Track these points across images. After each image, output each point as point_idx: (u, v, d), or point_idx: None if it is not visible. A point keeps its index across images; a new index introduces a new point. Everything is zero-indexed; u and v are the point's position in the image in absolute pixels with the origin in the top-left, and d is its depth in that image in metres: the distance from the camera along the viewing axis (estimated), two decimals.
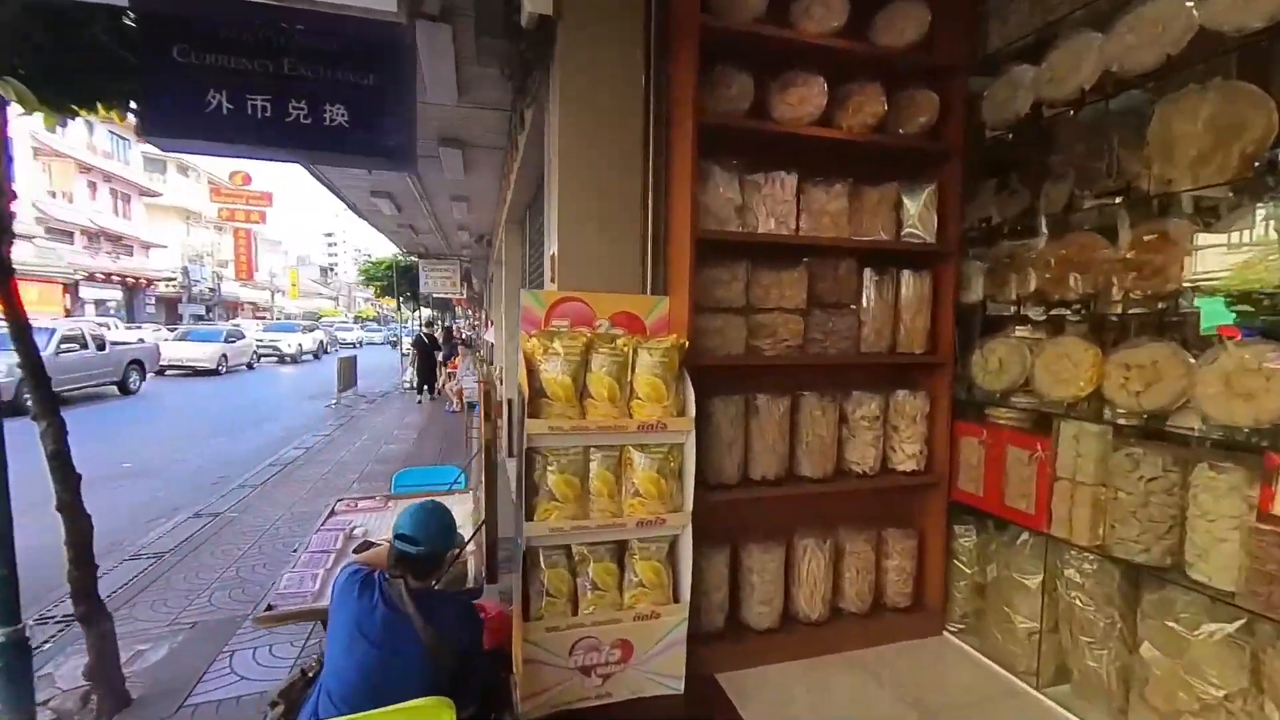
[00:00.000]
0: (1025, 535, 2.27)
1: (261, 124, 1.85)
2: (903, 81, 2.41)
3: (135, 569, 3.49)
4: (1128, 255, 1.96)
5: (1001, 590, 2.34)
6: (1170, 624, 1.81)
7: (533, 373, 2.01)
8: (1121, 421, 1.95)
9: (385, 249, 25.94)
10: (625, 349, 2.04)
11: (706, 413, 2.26)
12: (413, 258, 13.99)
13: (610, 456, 2.01)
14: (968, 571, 2.49)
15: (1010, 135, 2.35)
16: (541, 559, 1.99)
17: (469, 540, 2.11)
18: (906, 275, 2.47)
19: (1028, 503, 2.20)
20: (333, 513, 2.62)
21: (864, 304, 2.44)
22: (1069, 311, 2.16)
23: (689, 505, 2.05)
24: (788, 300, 2.35)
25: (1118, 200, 2.01)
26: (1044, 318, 2.26)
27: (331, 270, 69.17)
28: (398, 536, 1.58)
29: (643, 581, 2.04)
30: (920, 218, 2.45)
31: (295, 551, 2.25)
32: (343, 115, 1.91)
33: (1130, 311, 1.99)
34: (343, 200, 7.32)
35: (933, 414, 2.50)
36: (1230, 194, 1.74)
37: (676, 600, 2.08)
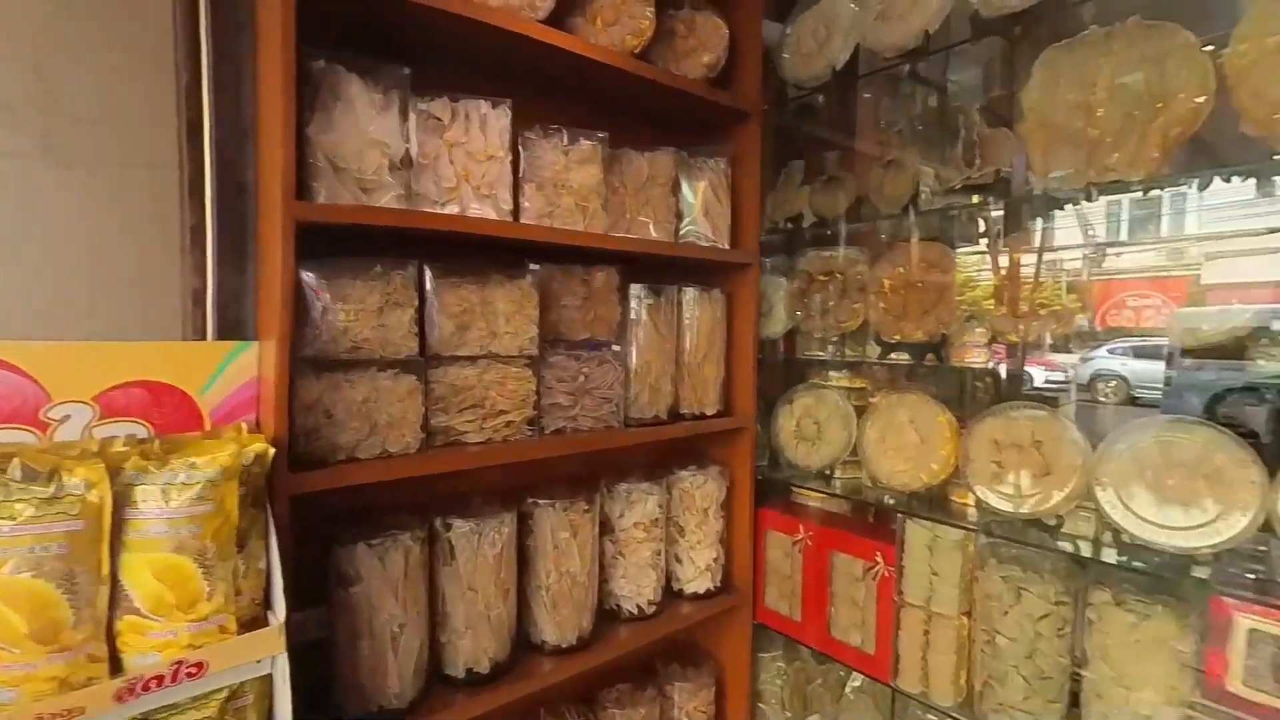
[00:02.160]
0: (858, 680, 1.59)
1: None
2: None
3: None
4: (991, 281, 1.34)
5: None
6: None
7: None
8: (991, 527, 1.34)
9: None
10: (95, 492, 0.79)
11: (342, 580, 1.12)
12: None
13: None
14: (778, 719, 1.77)
15: (821, 98, 1.63)
16: None
17: None
18: (691, 296, 1.61)
19: (863, 637, 1.51)
20: None
21: (632, 342, 1.52)
22: (908, 356, 1.50)
23: None
24: (506, 339, 1.31)
25: (975, 200, 1.39)
26: (878, 362, 1.59)
27: None
28: None
29: None
30: (708, 209, 1.61)
31: None
32: None
33: (992, 362, 1.39)
34: None
35: (730, 502, 1.70)
36: (1144, 193, 1.18)
37: None
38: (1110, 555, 1.18)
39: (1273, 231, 1.08)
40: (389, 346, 1.16)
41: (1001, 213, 1.41)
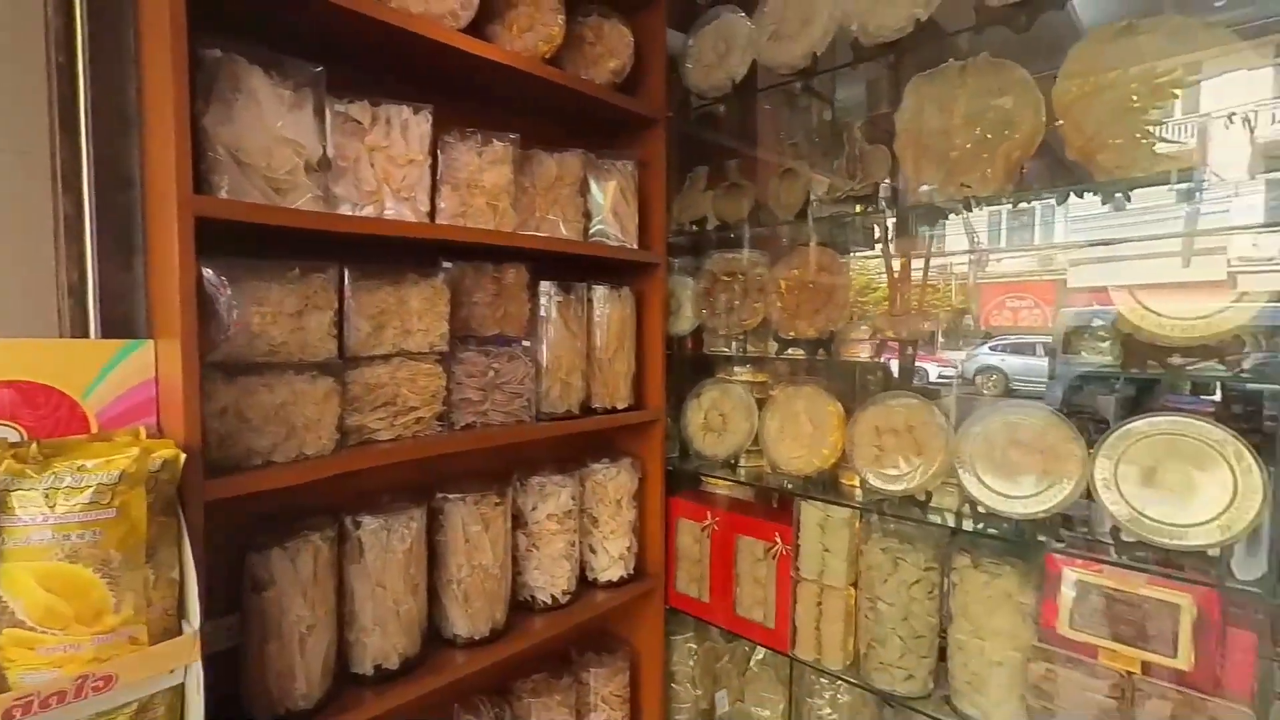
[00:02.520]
0: (762, 653, 1.71)
1: None
2: (582, 5, 1.59)
3: None
4: (874, 282, 1.48)
5: None
6: None
7: None
8: (873, 505, 1.48)
9: None
10: None
11: (255, 586, 1.09)
12: None
13: None
14: (690, 697, 1.86)
15: (723, 108, 1.73)
16: None
17: None
18: (601, 293, 1.67)
19: (765, 613, 1.62)
20: None
21: (543, 338, 1.56)
22: (803, 352, 1.62)
23: None
24: (418, 336, 1.32)
25: (859, 210, 1.53)
26: (776, 357, 1.71)
27: None
28: None
29: None
30: (616, 209, 1.67)
31: None
32: None
33: (885, 357, 1.54)
34: None
35: (642, 493, 1.77)
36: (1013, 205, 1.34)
37: None
38: (969, 524, 1.34)
39: (1094, 244, 1.26)
40: (308, 349, 1.15)
41: (894, 221, 1.55)
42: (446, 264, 1.37)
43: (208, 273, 1.02)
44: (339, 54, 1.24)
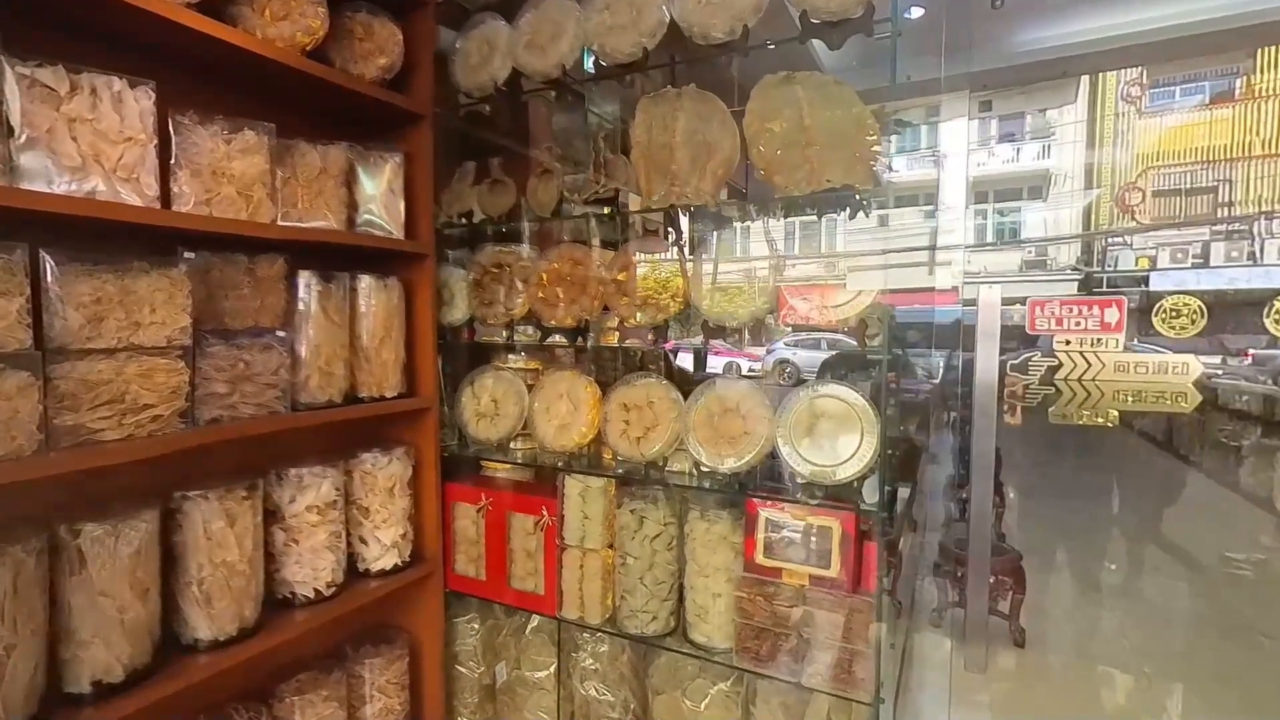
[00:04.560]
0: (535, 620, 1.84)
1: None
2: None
3: None
4: (618, 277, 1.68)
5: (514, 693, 1.87)
6: (680, 696, 1.62)
7: None
8: (622, 472, 1.68)
9: None
10: None
11: None
12: None
13: None
14: (473, 675, 1.93)
15: (488, 108, 1.82)
16: None
17: None
18: (366, 283, 1.67)
19: (536, 582, 1.75)
20: None
21: (302, 328, 1.53)
22: (562, 339, 1.77)
23: None
24: (151, 330, 1.22)
25: (606, 211, 1.71)
26: (539, 345, 1.84)
27: None
28: None
29: None
30: (383, 201, 1.68)
31: None
32: None
33: (629, 343, 1.73)
34: None
35: (417, 480, 1.80)
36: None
37: None
38: (696, 482, 1.58)
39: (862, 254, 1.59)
40: None
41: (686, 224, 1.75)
42: (189, 254, 1.29)
43: None
44: (37, 14, 1.12)
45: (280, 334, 1.48)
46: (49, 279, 1.12)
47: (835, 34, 1.36)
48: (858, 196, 1.44)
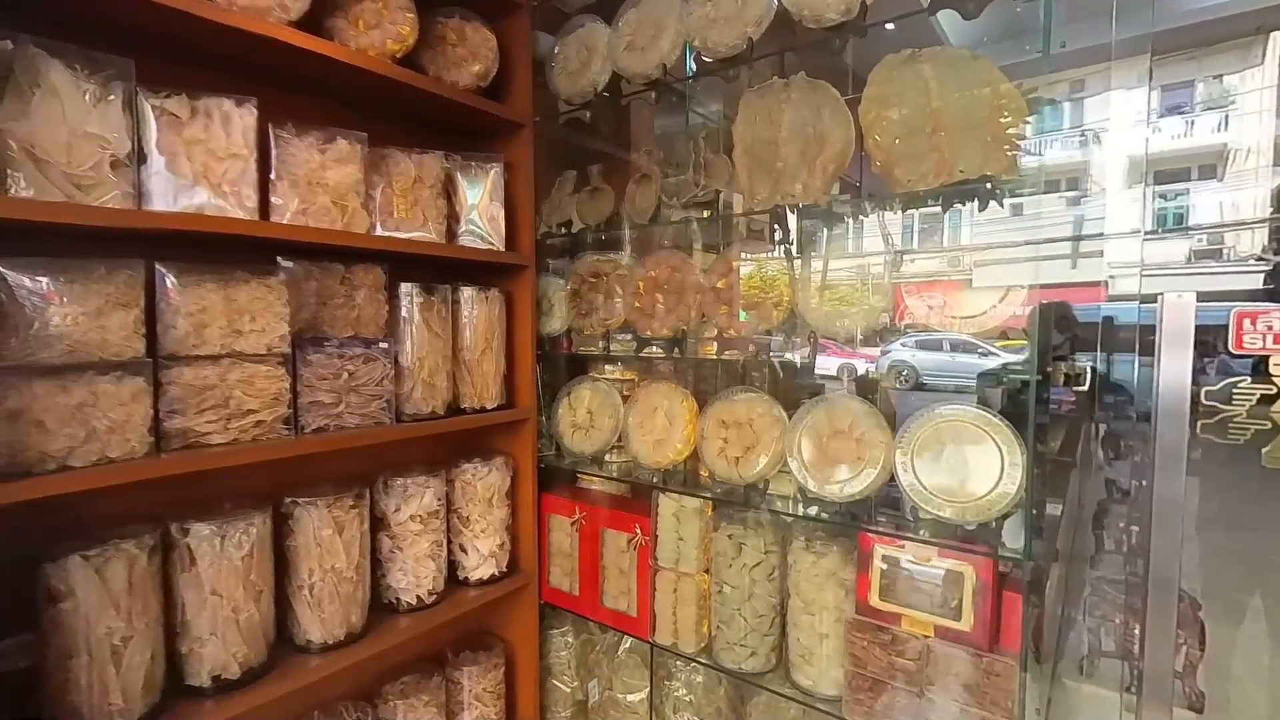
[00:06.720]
0: (628, 641, 1.77)
1: None
2: (444, 6, 1.61)
3: None
4: (717, 285, 1.57)
5: (607, 714, 1.82)
6: None
7: None
8: (720, 493, 1.57)
9: None
10: None
11: (52, 598, 1.05)
12: None
13: None
14: (567, 690, 1.90)
15: (588, 114, 1.78)
16: None
17: None
18: (468, 295, 1.68)
19: (629, 602, 1.69)
20: None
21: (404, 340, 1.56)
22: (658, 349, 1.69)
23: None
24: (251, 337, 1.29)
25: (706, 215, 1.61)
26: (635, 355, 1.77)
27: None
28: None
29: None
30: (485, 212, 1.69)
31: None
32: None
33: (727, 355, 1.63)
34: None
35: (515, 490, 1.80)
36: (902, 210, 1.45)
37: None
38: (800, 509, 1.44)
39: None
40: (109, 348, 1.11)
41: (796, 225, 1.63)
42: (286, 263, 1.35)
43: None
44: (160, 46, 1.21)
45: (384, 345, 1.51)
46: (168, 290, 1.19)
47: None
48: (991, 185, 1.23)
